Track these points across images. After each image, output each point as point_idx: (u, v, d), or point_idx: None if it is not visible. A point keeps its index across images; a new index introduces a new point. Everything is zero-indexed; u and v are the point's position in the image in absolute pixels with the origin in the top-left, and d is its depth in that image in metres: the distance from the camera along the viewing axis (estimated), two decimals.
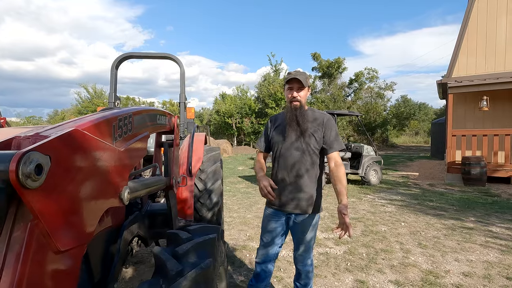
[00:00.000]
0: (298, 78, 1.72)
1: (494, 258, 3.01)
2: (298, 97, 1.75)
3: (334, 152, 1.76)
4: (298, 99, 1.76)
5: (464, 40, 8.57)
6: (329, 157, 1.77)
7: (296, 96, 1.75)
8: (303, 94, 1.77)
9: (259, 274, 1.91)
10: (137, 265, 2.87)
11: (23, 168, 0.58)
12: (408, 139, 31.71)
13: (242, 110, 24.01)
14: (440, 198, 5.82)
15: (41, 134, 0.74)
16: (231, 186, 7.71)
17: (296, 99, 1.76)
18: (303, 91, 1.77)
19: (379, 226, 4.14)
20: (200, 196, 2.53)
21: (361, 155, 7.44)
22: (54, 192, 0.68)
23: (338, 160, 1.76)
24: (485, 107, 7.80)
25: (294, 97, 1.76)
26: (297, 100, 1.76)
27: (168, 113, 1.86)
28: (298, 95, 1.75)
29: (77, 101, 27.58)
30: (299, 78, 1.72)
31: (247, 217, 4.64)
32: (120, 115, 1.12)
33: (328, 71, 23.41)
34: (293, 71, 1.81)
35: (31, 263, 0.64)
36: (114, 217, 1.29)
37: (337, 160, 1.76)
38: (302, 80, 1.72)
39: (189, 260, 1.19)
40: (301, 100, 1.76)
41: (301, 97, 1.76)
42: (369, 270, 2.79)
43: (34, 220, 0.65)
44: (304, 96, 1.78)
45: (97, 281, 1.17)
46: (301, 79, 1.72)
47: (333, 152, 1.76)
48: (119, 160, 1.04)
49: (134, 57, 3.18)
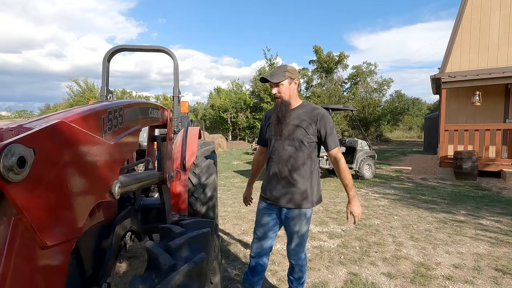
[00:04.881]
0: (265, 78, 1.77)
1: (484, 250, 3.07)
2: (277, 94, 1.77)
3: (335, 149, 1.79)
4: (278, 95, 1.77)
5: (457, 36, 8.61)
6: (329, 154, 1.82)
7: (275, 93, 1.78)
8: (283, 89, 1.76)
9: (254, 268, 1.91)
10: (130, 260, 2.86)
11: (4, 160, 0.56)
12: (401, 134, 32.03)
13: (237, 104, 23.91)
14: (432, 192, 5.91)
15: (25, 126, 0.71)
16: (225, 180, 7.71)
17: (276, 95, 1.78)
18: (282, 86, 1.76)
19: (372, 219, 4.19)
20: (194, 190, 2.51)
21: (355, 150, 7.49)
22: (38, 186, 0.66)
23: (337, 155, 1.79)
24: (477, 102, 7.89)
25: (274, 94, 1.79)
26: (277, 96, 1.78)
27: (161, 107, 1.83)
28: (277, 91, 1.76)
29: (68, 95, 27.10)
30: (266, 77, 1.76)
31: (242, 211, 4.65)
32: (110, 108, 1.09)
33: (326, 66, 23.29)
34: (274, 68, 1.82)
35: (16, 259, 0.62)
36: (106, 212, 1.26)
37: (336, 156, 1.79)
38: (274, 77, 1.74)
39: (182, 254, 1.18)
40: (281, 96, 1.76)
41: (282, 92, 1.76)
42: (362, 263, 2.82)
43: (17, 214, 0.62)
44: (285, 91, 1.76)
45: (89, 276, 1.16)
46: (270, 78, 1.74)
47: (332, 149, 1.79)
48: (109, 154, 1.01)
49: (126, 50, 3.12)
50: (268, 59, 24.33)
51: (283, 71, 1.76)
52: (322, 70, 23.70)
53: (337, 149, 1.79)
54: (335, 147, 1.79)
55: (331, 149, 1.79)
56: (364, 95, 24.53)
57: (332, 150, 1.79)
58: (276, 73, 1.76)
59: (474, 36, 8.41)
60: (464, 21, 8.52)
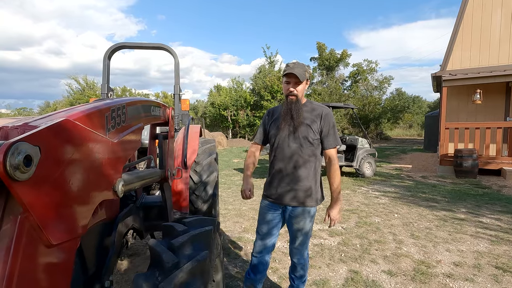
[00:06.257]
0: (295, 74, 1.70)
1: (484, 248, 3.08)
2: (295, 92, 1.74)
3: (331, 149, 1.77)
4: (295, 93, 1.74)
5: (459, 34, 8.58)
6: (325, 153, 1.80)
7: (292, 90, 1.74)
8: (300, 88, 1.75)
9: (256, 266, 1.91)
10: (132, 257, 2.87)
11: (11, 159, 0.56)
12: (402, 132, 32.00)
13: (237, 102, 23.85)
14: (433, 190, 5.92)
15: (30, 124, 0.71)
16: (226, 178, 7.71)
17: (292, 93, 1.74)
18: (300, 85, 1.75)
19: (373, 217, 4.20)
20: (196, 188, 2.51)
21: (356, 148, 7.48)
22: (44, 184, 0.66)
23: (333, 155, 1.77)
24: (478, 100, 7.88)
25: (290, 91, 1.75)
26: (293, 94, 1.74)
27: (162, 105, 1.83)
28: (295, 89, 1.74)
29: (68, 93, 27.00)
30: (295, 73, 1.69)
31: (242, 209, 4.66)
32: (113, 106, 1.09)
33: (327, 63, 23.20)
34: (291, 62, 1.76)
35: (22, 257, 0.62)
36: (109, 210, 1.27)
37: (332, 156, 1.77)
38: (298, 76, 1.69)
39: (185, 252, 1.18)
40: (297, 94, 1.75)
41: (298, 91, 1.74)
42: (363, 261, 2.83)
43: (24, 213, 0.63)
44: (301, 90, 1.76)
45: (92, 273, 1.16)
46: (298, 74, 1.69)
47: (329, 148, 1.77)
48: (113, 152, 1.01)
49: (127, 47, 3.11)
50: (268, 57, 24.28)
51: (304, 71, 1.73)
52: (323, 67, 23.63)
53: (334, 149, 1.78)
54: (333, 146, 1.77)
55: (329, 148, 1.77)
56: (364, 93, 24.48)
57: (329, 150, 1.78)
58: (298, 70, 1.71)
59: (475, 34, 8.39)
60: (466, 18, 8.49)
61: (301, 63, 1.77)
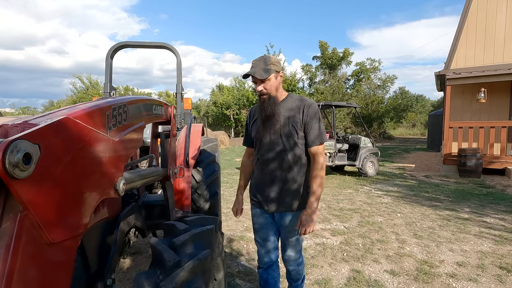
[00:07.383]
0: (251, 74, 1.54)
1: (488, 248, 3.06)
2: (264, 91, 1.58)
3: (314, 146, 1.58)
4: (264, 92, 1.58)
5: (463, 32, 8.50)
6: (309, 152, 1.61)
7: (261, 90, 1.58)
8: (269, 85, 1.57)
9: (266, 281, 1.79)
10: (134, 256, 2.88)
11: (10, 157, 0.56)
12: (405, 131, 31.84)
13: (239, 101, 23.86)
14: (436, 190, 5.87)
15: (30, 122, 0.71)
16: (228, 177, 7.72)
17: (262, 92, 1.59)
18: (269, 82, 1.56)
19: (376, 217, 4.18)
20: (198, 187, 2.51)
21: (359, 147, 7.46)
22: (44, 183, 0.66)
23: (318, 154, 1.58)
24: (482, 99, 7.80)
25: (259, 91, 1.59)
26: (263, 93, 1.59)
27: (164, 103, 1.83)
28: (263, 88, 1.57)
29: (72, 92, 27.16)
30: (253, 74, 1.53)
31: (244, 208, 4.64)
32: (114, 104, 1.08)
33: (330, 62, 23.07)
34: (253, 60, 1.59)
35: (22, 256, 0.62)
36: (110, 208, 1.27)
37: (316, 154, 1.58)
38: (258, 76, 1.53)
39: (187, 251, 1.18)
40: (268, 93, 1.58)
41: (268, 89, 1.57)
42: (365, 260, 2.82)
43: (23, 211, 0.62)
44: (272, 86, 1.58)
45: (94, 272, 1.17)
46: (258, 75, 1.52)
47: (312, 146, 1.58)
48: (114, 150, 1.01)
49: (129, 46, 3.11)
50: None
51: (268, 64, 1.54)
52: (326, 66, 23.51)
53: (319, 147, 1.57)
54: (317, 144, 1.57)
55: (312, 146, 1.57)
56: (367, 92, 24.35)
57: (312, 147, 1.57)
58: (259, 67, 1.54)
59: (480, 32, 8.30)
60: (470, 16, 8.40)
61: (263, 56, 1.59)
